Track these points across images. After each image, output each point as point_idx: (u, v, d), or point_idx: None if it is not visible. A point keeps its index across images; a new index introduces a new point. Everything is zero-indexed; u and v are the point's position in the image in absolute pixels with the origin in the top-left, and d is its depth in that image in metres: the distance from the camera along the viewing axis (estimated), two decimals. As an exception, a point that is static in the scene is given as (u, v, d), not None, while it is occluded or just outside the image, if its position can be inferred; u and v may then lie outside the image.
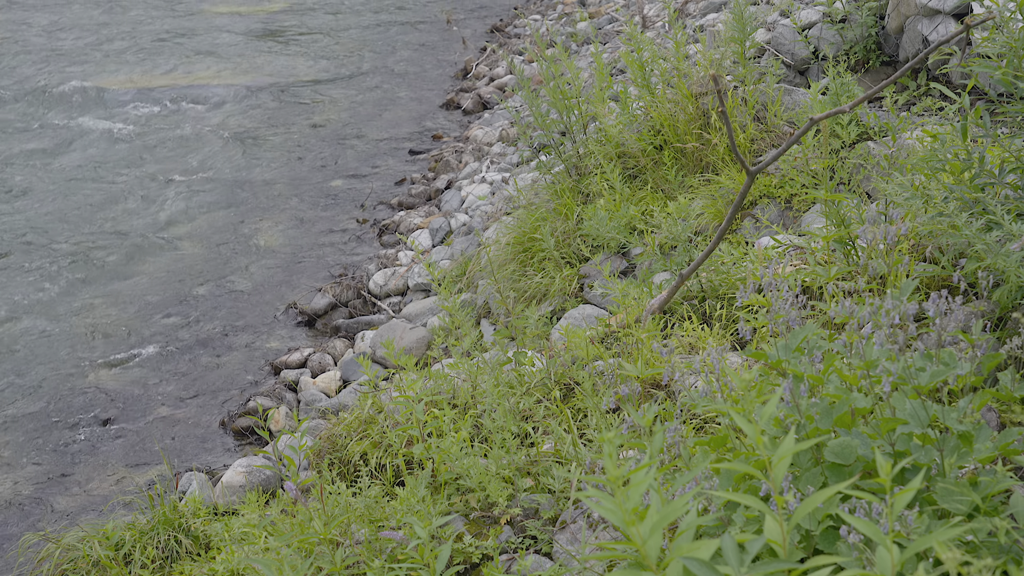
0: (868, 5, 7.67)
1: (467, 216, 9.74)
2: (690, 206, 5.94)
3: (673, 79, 7.05)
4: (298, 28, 17.65)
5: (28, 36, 17.43)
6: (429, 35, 17.31)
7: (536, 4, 18.59)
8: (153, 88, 14.68)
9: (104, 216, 11.03)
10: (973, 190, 4.14)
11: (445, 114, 13.73)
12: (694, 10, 12.11)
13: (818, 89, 5.93)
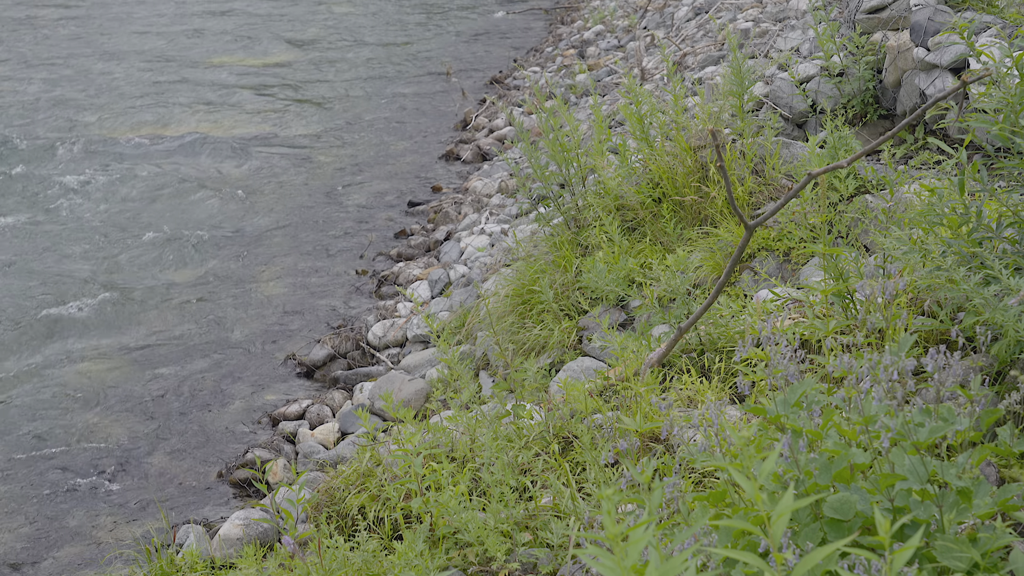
0: (866, 59, 7.72)
1: (466, 268, 9.75)
2: (689, 259, 5.95)
3: (672, 132, 7.08)
4: (298, 80, 17.74)
5: (27, 87, 17.51)
6: (429, 87, 17.40)
7: (535, 56, 18.70)
8: (152, 139, 14.73)
9: (98, 267, 11.04)
10: (971, 244, 4.15)
11: (445, 165, 13.77)
12: (692, 63, 12.19)
13: (816, 142, 5.96)
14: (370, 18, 22.36)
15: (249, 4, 23.77)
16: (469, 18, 22.38)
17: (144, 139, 14.74)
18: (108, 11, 23.21)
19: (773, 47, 9.79)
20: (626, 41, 16.75)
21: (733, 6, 13.40)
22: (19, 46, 20.22)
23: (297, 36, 20.82)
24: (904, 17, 7.76)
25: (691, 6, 15.96)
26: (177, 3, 24.02)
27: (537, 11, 22.64)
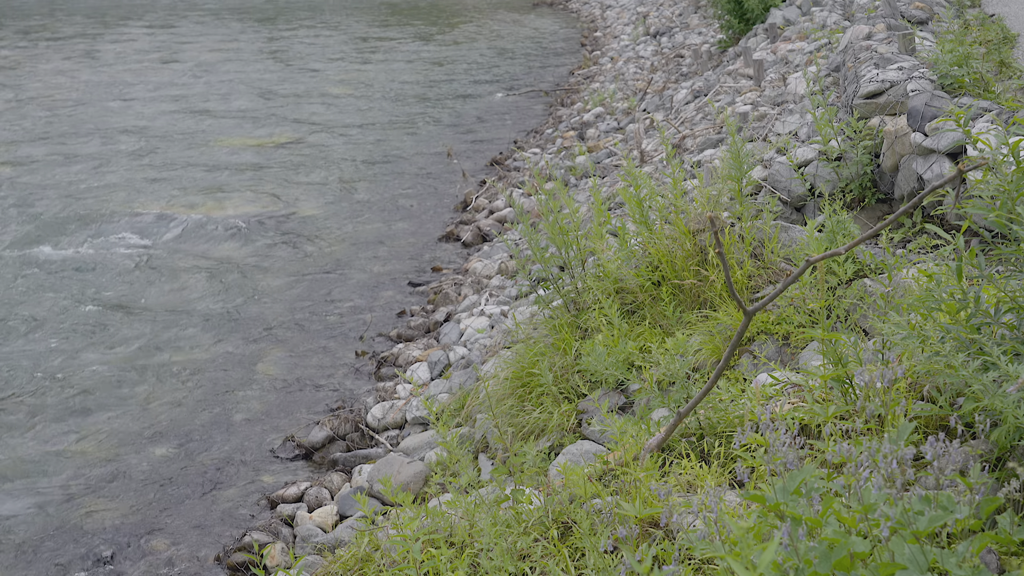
0: (863, 144, 7.77)
1: (466, 349, 9.75)
2: (688, 342, 5.95)
3: (671, 216, 7.12)
4: (300, 161, 17.85)
5: (32, 166, 17.62)
6: (430, 168, 17.50)
7: (535, 138, 18.84)
8: (155, 219, 14.80)
9: (96, 344, 11.05)
10: (969, 330, 4.15)
11: (445, 246, 13.82)
12: (691, 145, 12.27)
13: (814, 226, 5.98)
14: (371, 99, 22.54)
15: (250, 85, 23.97)
16: (470, 100, 22.57)
17: (146, 219, 14.80)
18: (111, 91, 23.41)
19: (771, 131, 9.87)
20: (626, 123, 16.88)
21: (732, 89, 13.52)
22: (23, 124, 20.36)
23: (299, 116, 20.98)
24: (901, 102, 7.83)
25: (690, 89, 16.11)
26: (179, 84, 24.22)
27: (537, 93, 22.83)
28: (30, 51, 28.87)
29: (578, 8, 35.91)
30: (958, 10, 11.81)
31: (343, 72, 25.64)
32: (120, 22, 33.64)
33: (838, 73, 10.11)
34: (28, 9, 37.23)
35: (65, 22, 33.77)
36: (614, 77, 21.64)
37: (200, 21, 33.85)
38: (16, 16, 35.50)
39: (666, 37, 24.30)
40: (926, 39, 9.70)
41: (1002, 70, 8.75)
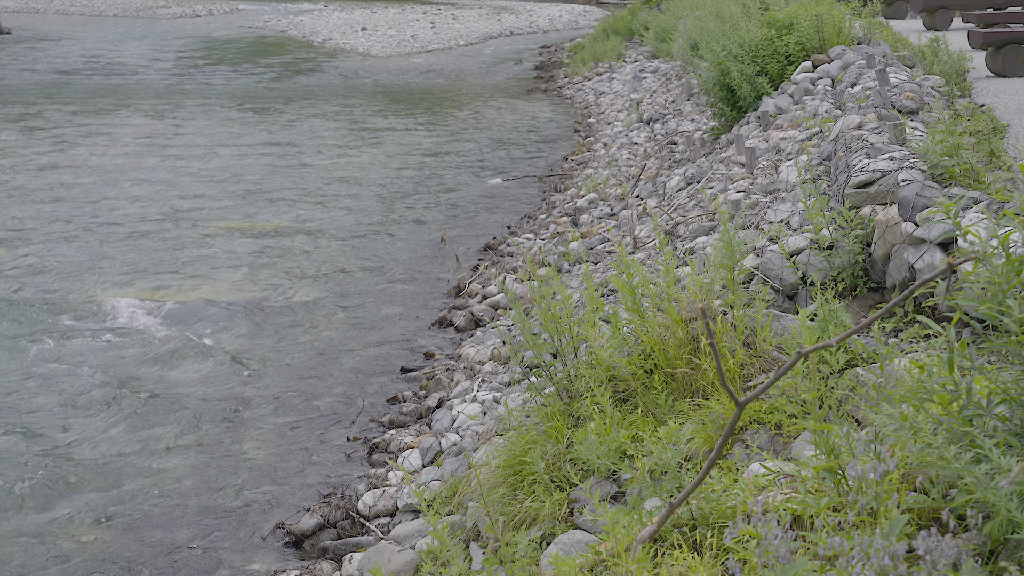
0: (855, 233, 7.81)
1: (458, 436, 9.72)
2: (680, 431, 5.94)
3: (663, 304, 7.13)
4: (292, 245, 17.90)
5: (21, 250, 17.64)
6: (423, 252, 17.55)
7: (529, 223, 18.91)
8: (145, 304, 14.80)
9: (85, 428, 11.00)
10: (961, 422, 4.15)
11: (437, 331, 13.83)
12: (684, 232, 12.33)
13: (806, 315, 6.00)
14: (365, 184, 22.65)
15: (243, 170, 24.10)
16: (464, 185, 22.68)
17: (136, 304, 14.80)
18: (104, 175, 23.51)
19: (764, 219, 9.92)
20: (619, 209, 16.96)
21: (724, 177, 13.60)
22: (14, 207, 20.42)
23: (292, 201, 21.06)
24: (892, 192, 7.88)
25: (683, 176, 16.21)
26: (172, 169, 24.34)
27: (531, 179, 22.95)
28: (24, 134, 29.04)
29: (572, 94, 36.20)
30: (948, 100, 11.93)
31: (337, 157, 25.80)
32: (115, 106, 33.89)
33: (829, 162, 10.19)
34: (24, 91, 37.52)
35: (60, 105, 34.01)
36: (608, 163, 21.78)
37: (194, 106, 34.12)
38: (10, 98, 35.76)
39: (659, 124, 24.48)
40: (917, 129, 9.78)
41: (992, 160, 8.82)
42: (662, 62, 34.13)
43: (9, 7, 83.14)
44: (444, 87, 40.20)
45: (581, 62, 41.69)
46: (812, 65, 15.89)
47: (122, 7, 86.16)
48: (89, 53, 51.41)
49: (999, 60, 14.74)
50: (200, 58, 50.06)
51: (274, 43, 59.35)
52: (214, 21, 75.78)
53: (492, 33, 63.89)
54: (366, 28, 63.70)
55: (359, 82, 41.51)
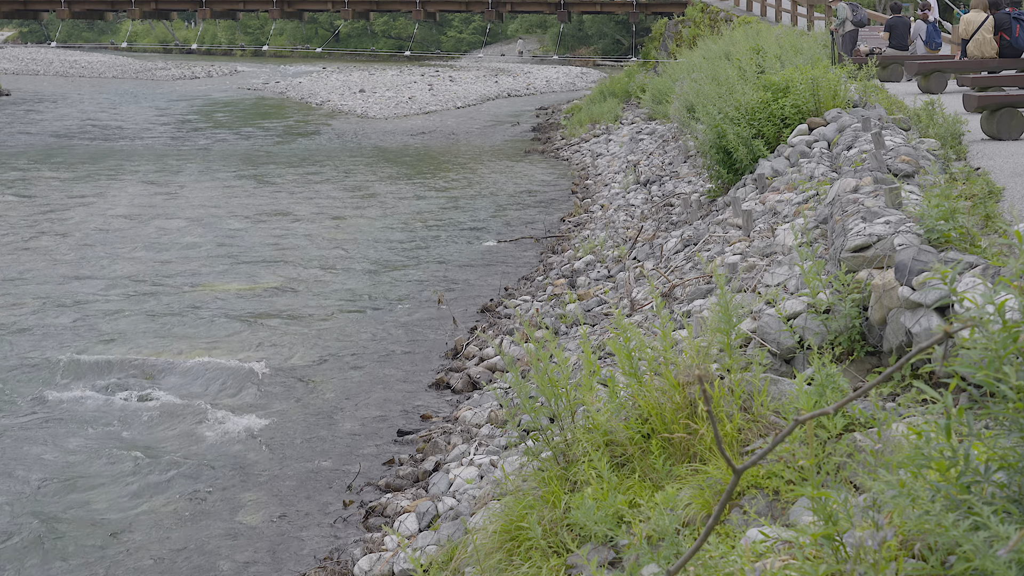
0: (851, 297, 7.81)
1: (455, 500, 9.68)
2: (678, 496, 5.92)
3: (660, 368, 7.12)
4: (292, 307, 17.91)
5: (15, 311, 17.64)
6: (420, 314, 17.56)
7: (526, 285, 18.94)
8: (142, 364, 14.78)
9: (82, 489, 10.95)
10: (959, 489, 4.13)
11: (435, 394, 13.80)
12: (681, 295, 12.34)
13: (804, 379, 5.99)
14: (363, 245, 22.71)
15: (241, 231, 24.17)
16: (462, 246, 22.74)
17: (132, 365, 14.78)
18: (103, 236, 23.56)
19: (760, 282, 9.92)
20: (616, 271, 16.99)
21: (721, 239, 13.64)
22: (13, 269, 20.44)
23: (290, 262, 21.09)
24: (888, 256, 7.89)
25: (680, 238, 16.25)
26: (169, 230, 24.40)
27: (529, 240, 23.01)
28: (20, 196, 29.15)
29: (569, 156, 36.38)
30: (944, 163, 11.98)
31: (335, 218, 25.89)
32: (113, 168, 34.05)
33: (826, 225, 10.22)
34: (21, 153, 37.71)
35: (58, 167, 34.18)
36: (604, 225, 21.84)
37: (192, 169, 34.30)
38: (8, 159, 35.92)
39: (656, 186, 24.59)
40: (912, 193, 9.82)
41: (988, 224, 8.85)
42: (659, 124, 34.34)
43: (9, 69, 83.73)
44: (442, 148, 40.39)
45: (578, 124, 41.94)
46: (808, 128, 15.97)
47: (121, 69, 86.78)
48: (88, 115, 51.73)
49: (994, 123, 14.82)
50: (199, 120, 50.35)
51: (273, 105, 59.74)
52: (213, 83, 76.32)
53: (490, 95, 64.30)
54: (364, 90, 64.13)
55: (357, 144, 41.72)
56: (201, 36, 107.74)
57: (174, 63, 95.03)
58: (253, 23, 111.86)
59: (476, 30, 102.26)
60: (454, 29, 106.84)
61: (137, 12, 46.61)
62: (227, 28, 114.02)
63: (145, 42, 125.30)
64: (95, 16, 50.15)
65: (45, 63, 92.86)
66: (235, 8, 47.68)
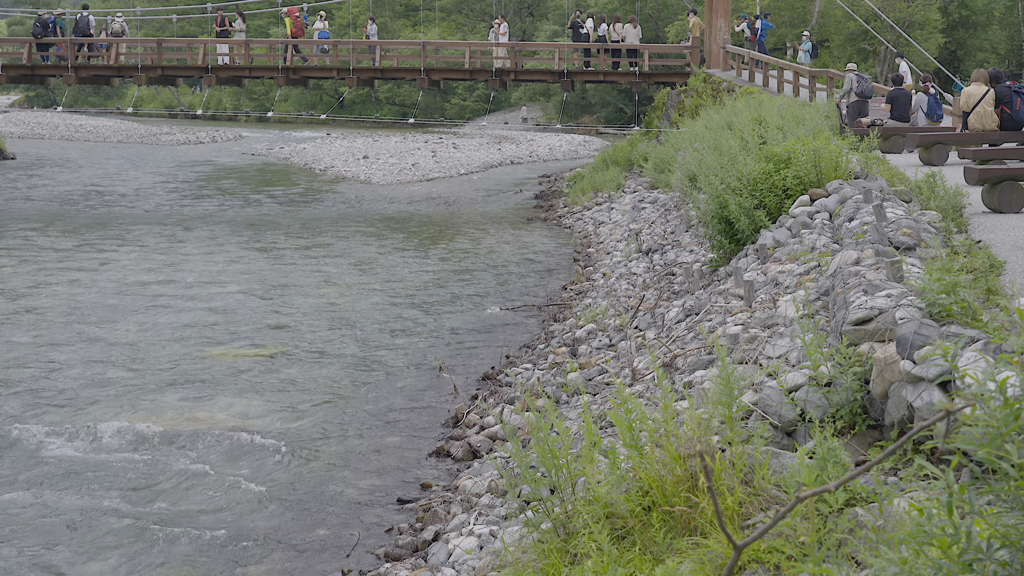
0: (853, 370, 7.80)
1: (454, 571, 9.62)
2: (678, 570, 5.88)
3: (661, 440, 7.10)
4: (293, 374, 17.89)
5: (12, 376, 17.63)
6: (421, 381, 17.54)
7: (528, 353, 18.92)
8: (143, 430, 14.74)
9: (74, 563, 10.89)
10: (962, 567, 4.11)
11: (435, 462, 13.76)
12: (683, 365, 12.33)
13: (805, 453, 5.97)
14: (364, 312, 22.72)
15: (243, 298, 24.19)
16: (464, 314, 22.75)
17: (133, 430, 14.74)
18: (98, 303, 23.58)
19: (762, 353, 9.92)
20: (618, 340, 16.98)
21: (723, 309, 13.64)
22: (13, 335, 20.45)
23: (291, 329, 21.10)
24: (890, 329, 7.89)
25: (682, 307, 16.26)
26: (171, 296, 24.43)
27: (530, 308, 23.02)
28: (24, 260, 29.21)
29: (572, 223, 36.47)
30: (945, 236, 12.01)
31: (337, 285, 25.91)
32: (117, 234, 34.17)
33: (827, 297, 10.22)
34: (25, 217, 37.86)
35: (62, 232, 34.30)
36: (606, 293, 21.87)
37: (195, 235, 34.40)
38: (12, 223, 36.05)
39: (658, 254, 24.64)
40: (914, 266, 9.83)
41: (989, 298, 8.85)
42: (661, 192, 34.46)
43: (14, 132, 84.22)
44: (444, 215, 40.52)
45: (581, 191, 42.08)
46: (810, 199, 16.02)
47: (126, 133, 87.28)
48: (92, 179, 51.98)
49: (995, 196, 14.86)
50: (203, 185, 50.59)
51: (277, 171, 60.01)
52: (217, 148, 76.73)
53: (493, 162, 64.58)
54: (368, 156, 64.42)
55: (360, 210, 41.86)
56: (206, 102, 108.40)
57: (179, 128, 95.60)
58: (258, 89, 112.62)
59: (480, 98, 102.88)
60: (458, 97, 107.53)
61: (143, 78, 46.84)
62: (232, 94, 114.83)
63: (151, 107, 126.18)
64: (101, 82, 50.32)
65: (51, 127, 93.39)
66: (240, 75, 47.93)
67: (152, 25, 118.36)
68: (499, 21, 50.45)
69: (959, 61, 76.42)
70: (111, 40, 47.14)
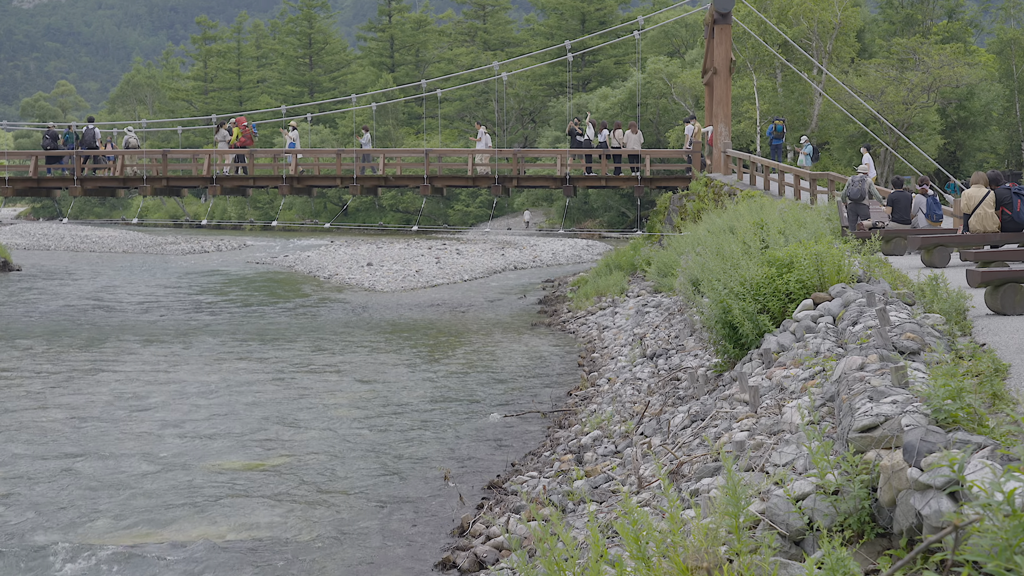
0: (860, 478, 7.75)
1: None
2: None
3: (668, 551, 7.04)
4: (295, 485, 17.77)
5: (24, 487, 17.54)
6: (426, 490, 17.42)
7: (533, 460, 18.82)
8: (144, 544, 14.63)
9: None
10: None
11: (441, 574, 13.62)
12: (689, 472, 12.26)
13: (813, 563, 5.91)
14: (367, 421, 22.64)
15: (246, 408, 24.13)
16: (469, 421, 22.67)
17: (133, 546, 14.63)
18: (100, 414, 23.54)
19: (768, 461, 9.87)
20: (623, 447, 16.90)
21: (728, 415, 13.59)
22: (7, 448, 20.37)
23: (292, 436, 21.02)
24: (896, 436, 7.86)
25: (687, 413, 16.20)
26: (173, 407, 24.38)
27: (535, 415, 22.94)
28: (26, 372, 29.22)
29: (576, 328, 36.50)
30: (949, 340, 11.99)
31: (340, 393, 25.88)
32: (120, 344, 34.23)
33: (833, 403, 10.20)
34: (29, 329, 37.95)
35: (66, 343, 34.36)
36: (611, 399, 21.81)
37: (199, 344, 34.45)
38: (16, 335, 36.11)
39: (663, 359, 24.61)
40: (919, 371, 9.81)
41: (995, 403, 8.82)
42: (665, 296, 34.53)
43: (20, 244, 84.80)
44: (449, 322, 40.58)
45: (584, 296, 42.18)
46: (813, 303, 16.05)
47: (131, 243, 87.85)
48: (96, 290, 52.19)
49: (998, 298, 14.87)
50: (207, 294, 50.75)
51: (281, 279, 60.26)
52: (222, 257, 77.14)
53: (496, 267, 64.84)
54: (371, 263, 64.71)
55: (364, 318, 41.93)
56: (211, 211, 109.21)
57: (184, 237, 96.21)
58: (263, 198, 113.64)
59: (483, 204, 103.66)
60: (461, 203, 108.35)
61: (149, 189, 47.21)
62: (237, 203, 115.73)
63: (156, 217, 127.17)
64: (107, 193, 50.83)
65: (56, 238, 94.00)
66: (245, 185, 48.34)
67: (157, 136, 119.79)
68: (478, 127, 51.02)
69: (959, 161, 77.11)
70: (118, 152, 47.64)
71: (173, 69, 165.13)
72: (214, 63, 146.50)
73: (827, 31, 72.46)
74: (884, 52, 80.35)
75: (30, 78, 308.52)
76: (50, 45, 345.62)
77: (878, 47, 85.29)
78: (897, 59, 74.21)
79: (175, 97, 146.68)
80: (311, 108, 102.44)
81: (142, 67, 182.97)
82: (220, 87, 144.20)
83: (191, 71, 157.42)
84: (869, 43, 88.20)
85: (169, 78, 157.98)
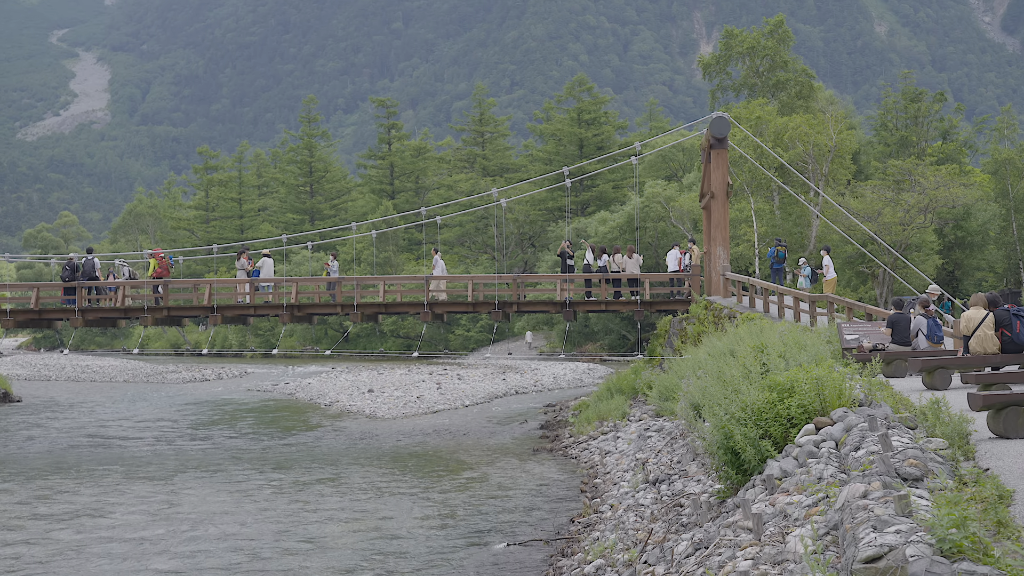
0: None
1: None
2: None
3: None
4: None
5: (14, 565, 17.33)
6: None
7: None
8: None
9: None
10: None
11: None
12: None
13: None
14: (369, 551, 22.42)
15: (245, 537, 23.93)
16: (470, 550, 22.45)
17: None
18: (100, 546, 23.33)
19: (773, 592, 9.74)
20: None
21: (732, 543, 13.45)
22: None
23: (290, 567, 20.80)
24: (901, 567, 7.77)
25: (691, 541, 16.05)
26: (170, 538, 24.17)
27: (538, 543, 22.72)
28: (25, 504, 29.05)
29: (578, 454, 36.31)
30: (952, 465, 11.92)
31: (341, 522, 25.67)
32: (120, 475, 34.10)
33: (836, 531, 10.10)
34: (28, 461, 37.83)
35: (65, 474, 34.22)
36: (614, 526, 21.62)
37: (199, 473, 34.31)
38: (15, 467, 35.96)
39: (665, 484, 24.46)
40: (922, 498, 9.74)
41: (1000, 530, 8.74)
42: (667, 420, 34.42)
43: (21, 375, 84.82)
44: (450, 448, 40.37)
45: (586, 421, 42.01)
46: (815, 428, 15.99)
47: (132, 373, 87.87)
48: (97, 421, 52.06)
49: (1000, 422, 14.79)
50: (208, 424, 50.61)
51: (282, 406, 60.13)
52: (223, 385, 77.08)
53: (497, 392, 64.70)
54: (373, 390, 64.58)
55: (365, 445, 41.74)
56: (212, 340, 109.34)
57: (185, 366, 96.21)
58: (263, 326, 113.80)
59: (483, 328, 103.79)
60: (461, 328, 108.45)
61: (150, 319, 47.36)
62: (238, 331, 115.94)
63: (157, 346, 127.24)
64: (108, 323, 50.98)
65: (57, 368, 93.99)
66: (246, 313, 48.50)
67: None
68: (435, 254, 51.41)
69: (957, 281, 77.44)
70: (119, 283, 47.88)
71: (175, 198, 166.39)
72: (215, 192, 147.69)
73: (823, 154, 73.21)
74: (880, 174, 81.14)
75: (33, 209, 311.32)
76: (53, 176, 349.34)
77: (874, 169, 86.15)
78: (893, 180, 74.90)
79: (177, 226, 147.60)
80: (312, 236, 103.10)
81: (144, 197, 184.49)
82: (221, 215, 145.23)
83: (193, 200, 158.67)
84: (865, 165, 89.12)
85: (171, 207, 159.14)
